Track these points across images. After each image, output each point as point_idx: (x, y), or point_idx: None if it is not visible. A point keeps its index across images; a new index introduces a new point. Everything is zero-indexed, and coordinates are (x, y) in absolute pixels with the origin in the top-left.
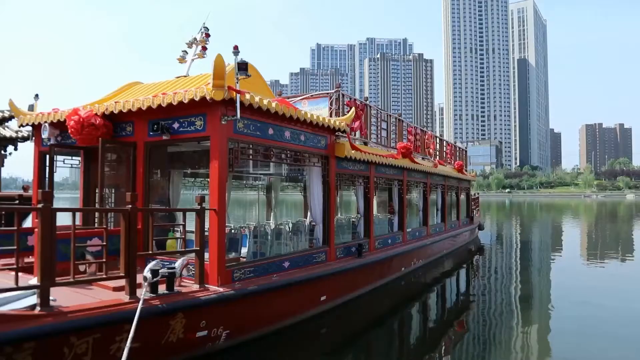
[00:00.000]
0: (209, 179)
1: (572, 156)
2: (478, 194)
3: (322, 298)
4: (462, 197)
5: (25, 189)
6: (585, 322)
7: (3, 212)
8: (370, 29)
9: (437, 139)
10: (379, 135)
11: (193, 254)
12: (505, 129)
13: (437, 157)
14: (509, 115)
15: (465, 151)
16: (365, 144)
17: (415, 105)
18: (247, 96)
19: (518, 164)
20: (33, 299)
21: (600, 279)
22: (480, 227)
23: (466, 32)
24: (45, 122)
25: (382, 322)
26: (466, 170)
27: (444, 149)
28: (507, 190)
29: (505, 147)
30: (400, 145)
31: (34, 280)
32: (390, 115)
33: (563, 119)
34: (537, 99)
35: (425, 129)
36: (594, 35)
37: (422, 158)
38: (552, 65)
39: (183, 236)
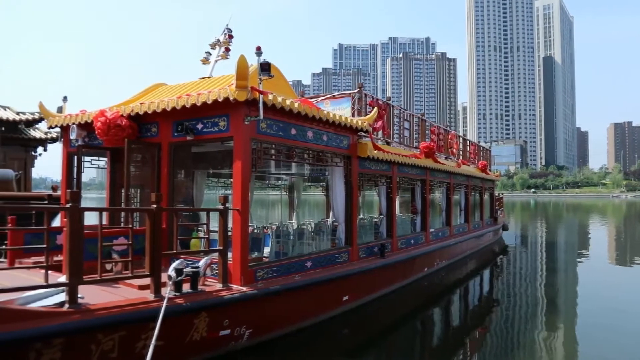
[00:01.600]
0: (232, 179)
1: (600, 155)
2: (502, 194)
3: (345, 298)
4: (486, 197)
5: (54, 189)
6: (612, 326)
7: (33, 212)
8: (392, 28)
9: (461, 139)
10: (401, 135)
11: (216, 254)
12: (530, 128)
13: (461, 157)
14: (534, 114)
15: (489, 151)
16: (388, 143)
17: (438, 104)
18: (270, 96)
19: (543, 163)
20: (62, 297)
21: (629, 282)
22: (505, 228)
23: (490, 30)
24: (73, 123)
25: (405, 323)
26: (490, 170)
27: (467, 149)
28: (532, 190)
29: (530, 146)
30: (423, 145)
31: (62, 278)
32: (412, 115)
33: (590, 118)
34: (563, 97)
35: (448, 128)
36: (623, 32)
37: (445, 158)
38: (579, 63)
39: (207, 236)
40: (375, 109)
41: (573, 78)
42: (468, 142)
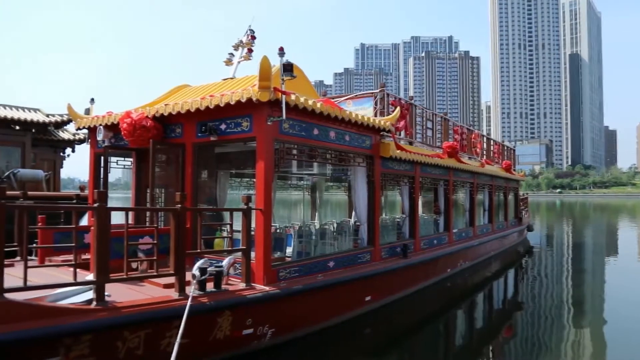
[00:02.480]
0: (254, 179)
1: (629, 155)
2: (527, 194)
3: (367, 298)
4: (510, 197)
5: (81, 189)
6: None
7: (62, 211)
8: (414, 27)
9: (484, 138)
10: (424, 135)
11: (239, 253)
12: (555, 127)
13: (484, 156)
14: (560, 113)
15: (514, 150)
16: (411, 143)
17: (461, 103)
18: (293, 97)
19: (570, 163)
20: (89, 294)
21: None
22: (530, 228)
23: (514, 27)
24: (100, 125)
25: (428, 324)
26: (514, 170)
27: (491, 148)
28: (558, 190)
29: (556, 145)
30: (446, 145)
31: (90, 277)
32: (435, 115)
33: (619, 116)
34: (590, 95)
35: (471, 128)
36: None
37: (469, 158)
38: (607, 60)
39: (230, 235)
40: (398, 108)
41: (601, 75)
42: (492, 141)
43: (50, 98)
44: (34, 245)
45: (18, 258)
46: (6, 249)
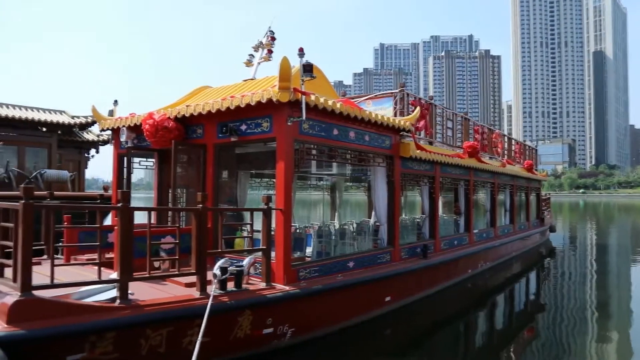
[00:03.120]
0: (274, 179)
1: None
2: (549, 194)
3: (387, 299)
4: (532, 197)
5: (105, 189)
6: None
7: (87, 211)
8: (434, 26)
9: (505, 138)
10: (444, 135)
11: (260, 253)
12: (579, 126)
13: (505, 156)
14: (584, 112)
15: (535, 150)
16: (431, 143)
17: (481, 103)
18: (312, 97)
19: (593, 162)
20: (113, 292)
21: None
22: (552, 229)
23: (536, 25)
24: (123, 126)
25: (448, 325)
26: (536, 170)
27: (513, 148)
28: (581, 190)
29: (579, 145)
30: (467, 145)
31: (114, 275)
32: (455, 114)
33: None
34: (615, 93)
35: (492, 127)
36: None
37: (490, 157)
38: (633, 57)
39: (250, 235)
40: (418, 108)
41: (626, 73)
42: (513, 141)
43: (74, 100)
44: (60, 244)
45: (45, 256)
46: (34, 248)
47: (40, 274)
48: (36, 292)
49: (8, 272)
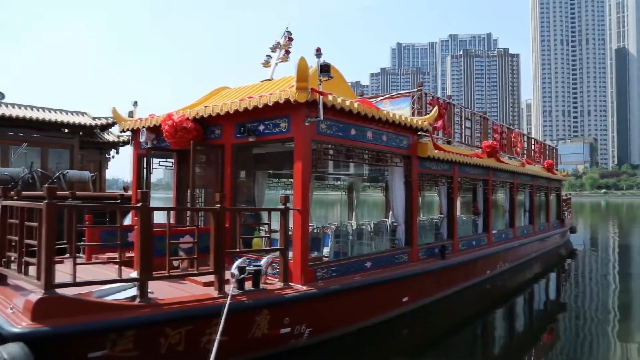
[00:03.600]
0: (292, 179)
1: None
2: (570, 194)
3: (404, 299)
4: (552, 197)
5: (125, 189)
6: None
7: (107, 211)
8: (451, 25)
9: (525, 137)
10: (462, 135)
11: (277, 253)
12: (600, 125)
13: (525, 156)
14: (605, 110)
15: (556, 149)
16: (449, 143)
17: (500, 102)
18: (330, 97)
19: (616, 162)
20: (133, 291)
21: None
22: (573, 230)
23: (556, 22)
24: (143, 127)
25: (466, 326)
26: (556, 170)
27: (532, 148)
28: (603, 190)
29: (601, 144)
30: (485, 144)
31: (134, 274)
32: (474, 114)
33: None
34: (638, 91)
35: (511, 126)
36: None
37: (509, 157)
38: None
39: (268, 235)
40: (436, 108)
41: None
42: (533, 140)
43: (97, 101)
44: (82, 243)
45: (67, 255)
46: (57, 246)
47: (62, 272)
48: (59, 290)
49: (32, 270)
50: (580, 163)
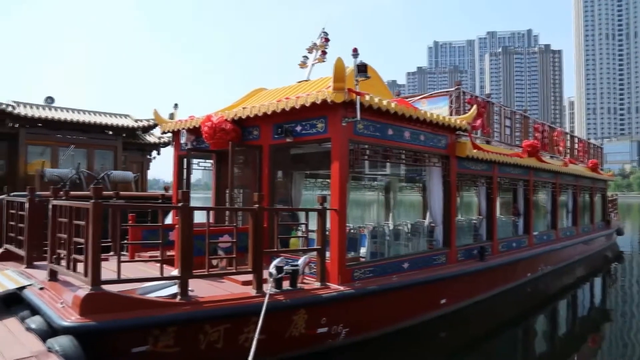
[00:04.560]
0: (329, 180)
1: None
2: (616, 195)
3: (442, 301)
4: (597, 198)
5: (166, 189)
6: None
7: (149, 210)
8: (490, 22)
9: (567, 136)
10: (502, 134)
11: (315, 253)
12: None
13: (568, 155)
14: None
15: (601, 148)
16: (488, 142)
17: (541, 100)
18: (367, 97)
19: None
20: (174, 289)
21: None
22: (619, 232)
23: (601, 16)
24: (183, 128)
25: (506, 329)
26: (602, 170)
27: (575, 147)
28: None
29: None
30: (526, 144)
31: (175, 272)
32: (514, 112)
33: None
34: None
35: (553, 125)
36: None
37: (551, 157)
38: None
39: (305, 235)
40: (474, 106)
41: None
42: (576, 139)
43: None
44: (125, 241)
45: (111, 253)
46: (102, 245)
47: (107, 269)
48: (105, 287)
49: (80, 267)
50: (627, 162)
